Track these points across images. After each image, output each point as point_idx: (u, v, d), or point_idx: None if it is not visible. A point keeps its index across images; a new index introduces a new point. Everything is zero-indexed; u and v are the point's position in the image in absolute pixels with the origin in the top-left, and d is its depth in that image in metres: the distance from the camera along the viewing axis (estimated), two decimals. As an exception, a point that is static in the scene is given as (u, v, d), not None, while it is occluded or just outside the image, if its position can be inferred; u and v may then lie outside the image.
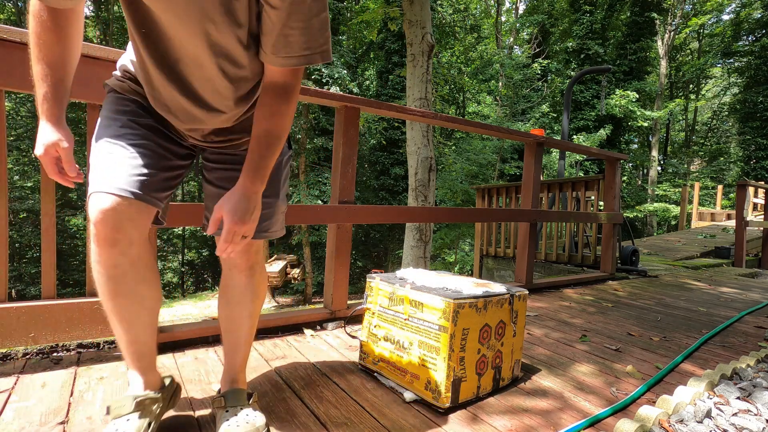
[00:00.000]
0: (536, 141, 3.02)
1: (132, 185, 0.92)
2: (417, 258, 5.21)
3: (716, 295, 3.52)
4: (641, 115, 15.31)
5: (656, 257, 6.13)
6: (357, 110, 2.08)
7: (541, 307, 2.71)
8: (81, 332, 1.47)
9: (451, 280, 1.50)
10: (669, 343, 2.11)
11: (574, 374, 1.65)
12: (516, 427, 1.24)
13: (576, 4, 17.58)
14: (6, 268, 1.40)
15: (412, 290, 1.40)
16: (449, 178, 11.94)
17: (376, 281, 1.56)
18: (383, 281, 1.52)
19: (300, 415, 1.22)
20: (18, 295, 11.60)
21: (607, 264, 3.96)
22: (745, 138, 16.12)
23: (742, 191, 6.17)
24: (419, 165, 5.17)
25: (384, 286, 1.51)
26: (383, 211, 2.34)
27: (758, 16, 16.80)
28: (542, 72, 15.40)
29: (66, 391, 1.28)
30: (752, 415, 1.34)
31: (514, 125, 12.50)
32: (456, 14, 15.82)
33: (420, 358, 1.34)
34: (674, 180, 19.54)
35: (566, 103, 6.28)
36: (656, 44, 18.34)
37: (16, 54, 1.32)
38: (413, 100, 5.25)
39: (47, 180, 1.44)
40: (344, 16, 15.11)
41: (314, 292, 13.24)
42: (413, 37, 5.19)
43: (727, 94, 21.04)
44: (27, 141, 12.29)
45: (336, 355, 1.71)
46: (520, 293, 1.51)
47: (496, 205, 5.73)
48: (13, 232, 11.97)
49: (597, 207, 4.37)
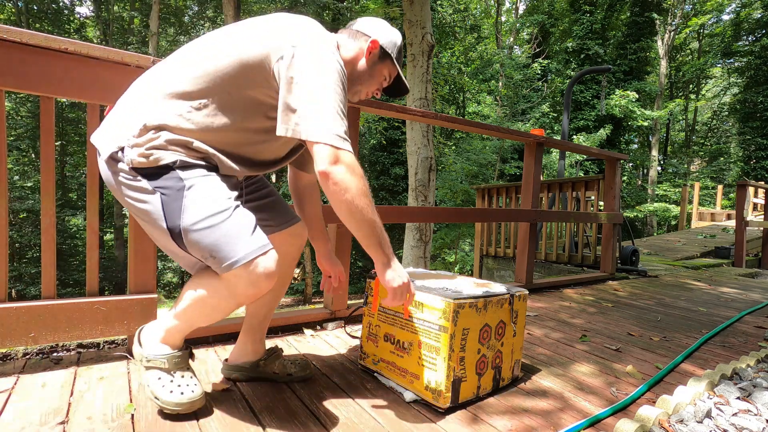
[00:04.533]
0: (536, 141, 3.02)
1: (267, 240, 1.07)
2: (417, 258, 5.21)
3: (716, 295, 3.52)
4: (641, 115, 15.30)
5: (656, 257, 6.13)
6: (357, 110, 2.08)
7: (541, 307, 2.71)
8: (81, 332, 1.47)
9: (450, 280, 1.50)
10: (669, 343, 2.11)
11: (574, 374, 1.65)
12: (516, 427, 1.24)
13: (576, 4, 17.57)
14: (6, 268, 1.40)
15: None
16: (449, 178, 11.94)
17: (374, 279, 1.56)
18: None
19: (300, 415, 1.22)
20: (18, 295, 11.60)
21: (607, 264, 3.96)
22: (745, 138, 16.12)
23: (742, 191, 6.17)
24: (419, 165, 5.17)
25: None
26: (383, 211, 2.33)
27: (758, 16, 16.80)
28: (542, 72, 15.41)
29: (66, 391, 1.28)
30: (752, 415, 1.34)
31: (514, 125, 12.50)
32: (456, 14, 15.81)
33: (420, 358, 1.34)
34: (674, 180, 19.55)
35: (566, 103, 6.28)
36: (656, 44, 18.34)
37: (16, 54, 1.31)
38: (413, 100, 5.25)
39: (47, 180, 1.45)
40: (344, 16, 15.11)
41: (314, 292, 13.23)
42: (413, 37, 5.19)
43: (727, 94, 21.04)
44: (27, 141, 12.29)
45: (336, 355, 1.71)
46: (520, 293, 1.51)
47: (496, 205, 5.73)
48: (13, 232, 11.97)
49: (597, 207, 4.37)
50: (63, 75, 1.38)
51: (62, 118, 13.73)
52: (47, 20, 13.47)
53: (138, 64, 1.49)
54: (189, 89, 1.04)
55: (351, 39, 1.24)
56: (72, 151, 14.69)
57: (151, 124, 1.02)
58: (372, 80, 1.27)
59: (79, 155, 14.76)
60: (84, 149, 13.44)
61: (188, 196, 1.01)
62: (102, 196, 14.77)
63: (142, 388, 1.33)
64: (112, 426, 1.12)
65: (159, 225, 1.03)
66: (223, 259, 1.00)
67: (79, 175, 14.83)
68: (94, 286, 1.56)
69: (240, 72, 1.04)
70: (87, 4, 14.68)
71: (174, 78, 1.05)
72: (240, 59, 1.04)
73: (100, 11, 14.38)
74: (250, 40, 1.05)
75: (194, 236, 1.01)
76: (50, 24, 13.46)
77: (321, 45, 1.05)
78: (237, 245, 1.00)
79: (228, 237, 1.00)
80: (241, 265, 1.00)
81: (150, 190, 1.02)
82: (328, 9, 13.58)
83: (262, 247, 1.02)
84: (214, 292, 1.08)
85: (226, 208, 1.02)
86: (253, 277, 1.01)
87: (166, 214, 1.02)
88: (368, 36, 1.23)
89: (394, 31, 1.27)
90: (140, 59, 1.49)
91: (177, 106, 1.04)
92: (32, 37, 1.31)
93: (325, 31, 1.13)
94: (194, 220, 1.00)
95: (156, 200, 1.02)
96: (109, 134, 1.06)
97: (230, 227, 1.01)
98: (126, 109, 1.07)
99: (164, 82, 1.06)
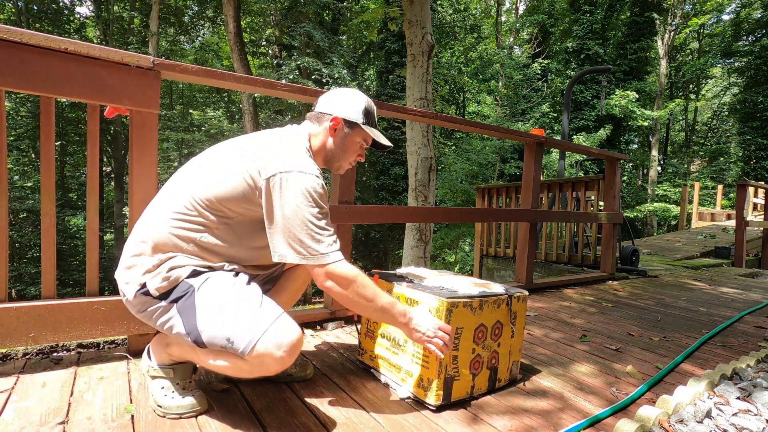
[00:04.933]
0: (536, 141, 3.02)
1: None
2: (417, 258, 5.21)
3: (716, 295, 3.52)
4: (641, 115, 15.29)
5: (656, 257, 6.13)
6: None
7: (541, 307, 2.71)
8: (81, 332, 1.47)
9: (449, 280, 1.50)
10: (669, 343, 2.11)
11: (574, 374, 1.65)
12: (516, 427, 1.24)
13: (576, 4, 17.55)
14: (6, 268, 1.40)
15: (408, 288, 1.41)
16: (449, 178, 11.93)
17: (374, 278, 1.56)
18: (381, 279, 1.52)
19: (300, 414, 1.22)
20: (18, 295, 11.59)
21: (607, 264, 3.95)
22: (745, 138, 16.10)
23: (742, 191, 6.17)
24: (419, 165, 5.17)
25: (381, 283, 1.51)
26: (383, 211, 2.34)
27: (758, 16, 16.78)
28: (542, 72, 15.39)
29: (66, 391, 1.28)
30: (752, 415, 1.34)
31: (514, 125, 12.49)
32: (456, 14, 15.80)
33: (413, 355, 1.35)
34: (674, 180, 19.53)
35: (566, 103, 6.28)
36: (656, 44, 18.32)
37: (16, 54, 1.31)
38: (413, 100, 5.25)
39: (47, 180, 1.45)
40: (344, 16, 15.11)
41: (314, 292, 13.23)
42: (413, 37, 5.19)
43: (727, 94, 21.02)
44: (27, 141, 12.28)
45: (336, 354, 1.71)
46: (519, 294, 1.51)
47: (496, 205, 5.73)
48: (13, 232, 11.96)
49: (597, 207, 4.37)
50: (63, 75, 1.38)
51: (62, 118, 13.72)
52: (47, 20, 13.45)
53: (138, 64, 1.49)
54: (192, 214, 1.12)
55: (317, 124, 1.30)
56: (72, 151, 14.68)
57: (164, 251, 1.11)
58: (348, 152, 1.32)
59: (79, 155, 14.75)
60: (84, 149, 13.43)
61: (198, 297, 1.08)
62: (102, 196, 14.77)
63: (142, 388, 1.33)
64: (112, 426, 1.12)
65: (186, 341, 1.09)
66: (239, 346, 1.04)
67: (79, 175, 14.82)
68: (94, 286, 1.56)
69: (232, 201, 1.13)
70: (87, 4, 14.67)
71: (177, 203, 1.14)
72: (228, 191, 1.13)
73: (100, 11, 14.36)
74: (232, 174, 1.13)
75: (208, 334, 1.06)
76: (50, 24, 13.44)
77: (292, 179, 1.10)
78: (248, 330, 1.04)
79: (238, 323, 1.05)
80: (256, 348, 1.03)
81: (168, 307, 1.10)
82: (328, 9, 13.58)
83: (273, 321, 1.06)
84: (247, 366, 1.09)
85: (234, 297, 1.09)
86: (269, 357, 1.04)
87: (184, 322, 1.08)
88: (329, 114, 1.28)
89: (357, 98, 1.30)
90: (140, 59, 1.49)
91: (183, 230, 1.11)
92: (32, 37, 1.31)
93: (298, 147, 1.19)
94: (205, 318, 1.06)
95: (174, 312, 1.09)
96: (129, 275, 1.12)
97: (240, 313, 1.06)
98: (138, 243, 1.13)
99: (169, 207, 1.14)
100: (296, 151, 1.17)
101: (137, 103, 1.51)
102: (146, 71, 1.52)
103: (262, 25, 15.85)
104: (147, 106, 1.53)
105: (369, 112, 1.32)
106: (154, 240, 1.11)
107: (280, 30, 13.59)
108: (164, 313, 1.10)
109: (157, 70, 1.54)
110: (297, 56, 11.82)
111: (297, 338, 1.08)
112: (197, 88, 17.51)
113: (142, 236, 1.12)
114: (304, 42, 12.60)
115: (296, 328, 1.10)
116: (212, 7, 14.94)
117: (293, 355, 1.07)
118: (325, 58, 12.47)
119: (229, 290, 1.10)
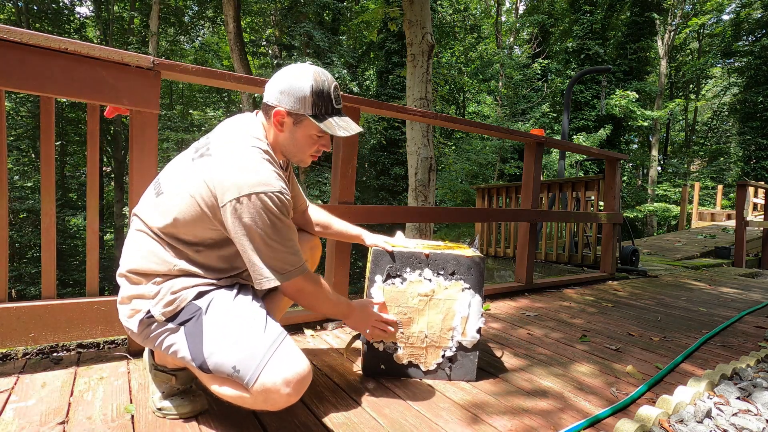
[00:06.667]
0: (536, 141, 3.02)
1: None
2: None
3: (716, 295, 3.52)
4: (641, 115, 15.28)
5: (656, 257, 6.13)
6: (357, 110, 2.08)
7: (541, 307, 2.71)
8: (81, 332, 1.47)
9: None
10: (669, 343, 2.11)
11: (574, 374, 1.65)
12: (516, 427, 1.24)
13: (576, 4, 17.56)
14: (6, 268, 1.40)
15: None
16: (449, 178, 11.94)
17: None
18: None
19: (300, 415, 1.22)
20: (18, 295, 11.58)
21: (607, 264, 3.95)
22: (745, 138, 16.10)
23: (742, 191, 6.17)
24: (419, 165, 5.17)
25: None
26: (383, 211, 2.34)
27: (758, 16, 16.78)
28: (542, 72, 15.40)
29: (66, 391, 1.28)
30: (752, 415, 1.34)
31: (514, 125, 12.50)
32: (456, 14, 15.81)
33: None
34: (674, 180, 19.53)
35: (566, 103, 6.28)
36: (656, 44, 18.32)
37: (16, 54, 1.31)
38: (413, 100, 5.24)
39: (47, 180, 1.45)
40: (344, 16, 15.11)
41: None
42: (413, 37, 5.19)
43: (727, 94, 21.00)
44: (27, 141, 12.27)
45: (336, 355, 1.71)
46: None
47: (496, 205, 5.73)
48: (13, 232, 11.95)
49: (597, 207, 4.37)
50: (63, 75, 1.38)
51: (62, 118, 13.71)
52: (47, 20, 13.45)
53: (138, 64, 1.49)
54: (183, 235, 1.09)
55: (267, 117, 1.16)
56: (72, 151, 14.67)
57: (159, 275, 1.08)
58: (302, 146, 1.18)
59: (79, 155, 14.74)
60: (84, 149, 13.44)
61: (205, 321, 1.05)
62: (102, 196, 14.77)
63: (142, 388, 1.33)
64: (112, 426, 1.12)
65: (191, 365, 1.06)
66: (244, 375, 0.99)
67: (79, 175, 14.81)
68: (94, 286, 1.56)
69: (195, 226, 1.09)
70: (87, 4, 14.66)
71: (154, 225, 1.09)
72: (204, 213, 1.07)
73: (100, 11, 14.36)
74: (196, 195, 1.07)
75: (214, 361, 1.02)
76: (50, 24, 13.44)
77: (251, 204, 1.02)
78: (252, 358, 0.99)
79: (243, 350, 1.00)
80: (260, 381, 0.98)
81: (176, 329, 1.06)
82: (328, 9, 13.57)
83: (275, 347, 1.01)
84: (251, 399, 1.03)
85: (238, 324, 1.04)
86: (275, 393, 0.99)
87: (190, 346, 1.04)
88: (272, 107, 1.13)
89: (302, 81, 1.10)
90: (140, 59, 1.49)
91: (180, 252, 1.09)
92: (32, 37, 1.31)
93: (254, 152, 1.08)
94: (211, 343, 1.03)
95: (182, 335, 1.05)
96: (129, 309, 1.10)
97: (245, 340, 1.02)
98: (130, 275, 1.09)
99: (149, 229, 1.10)
100: (252, 157, 1.06)
101: (137, 103, 1.51)
102: (146, 71, 1.52)
103: (262, 25, 15.85)
104: (147, 106, 1.53)
105: (321, 94, 1.11)
106: (144, 268, 1.08)
107: (280, 30, 13.60)
108: (171, 334, 1.06)
109: (157, 70, 1.53)
110: (297, 56, 11.83)
111: (305, 372, 1.01)
112: (197, 88, 17.50)
113: (133, 266, 1.09)
114: (304, 42, 12.59)
115: (303, 361, 1.02)
116: (212, 7, 14.95)
117: (300, 392, 1.01)
118: (325, 58, 12.47)
119: (234, 315, 1.06)
